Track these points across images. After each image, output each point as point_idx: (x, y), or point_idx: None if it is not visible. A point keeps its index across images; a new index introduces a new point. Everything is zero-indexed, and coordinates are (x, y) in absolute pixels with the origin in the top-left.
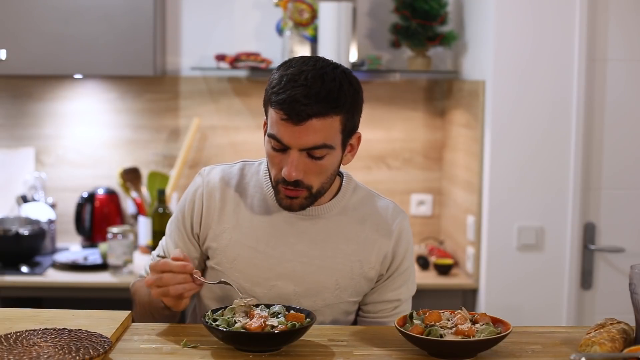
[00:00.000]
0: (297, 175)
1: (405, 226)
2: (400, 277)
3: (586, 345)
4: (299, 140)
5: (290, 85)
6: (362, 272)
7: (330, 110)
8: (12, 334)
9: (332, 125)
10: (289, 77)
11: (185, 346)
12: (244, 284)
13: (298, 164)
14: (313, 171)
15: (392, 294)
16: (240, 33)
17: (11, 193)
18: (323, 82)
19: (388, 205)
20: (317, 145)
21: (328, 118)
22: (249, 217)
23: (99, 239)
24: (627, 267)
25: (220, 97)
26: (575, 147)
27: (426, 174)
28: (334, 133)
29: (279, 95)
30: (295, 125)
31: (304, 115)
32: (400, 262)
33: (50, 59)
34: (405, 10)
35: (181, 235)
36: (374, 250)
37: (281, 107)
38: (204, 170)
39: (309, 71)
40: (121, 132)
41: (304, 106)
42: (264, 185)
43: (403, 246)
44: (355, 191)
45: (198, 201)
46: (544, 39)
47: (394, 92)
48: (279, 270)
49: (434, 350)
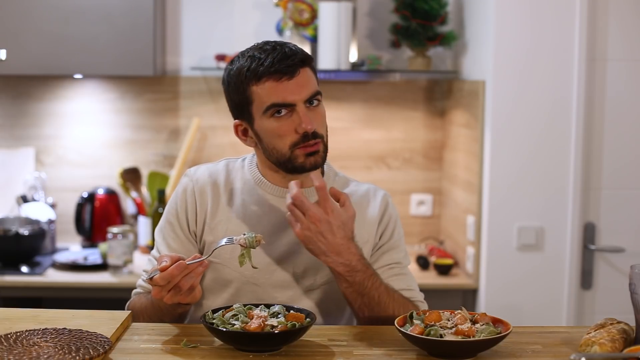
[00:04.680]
0: (313, 125)
1: (389, 200)
2: (395, 244)
3: (586, 345)
4: (301, 91)
5: (264, 55)
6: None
7: (308, 58)
8: (12, 334)
9: (312, 75)
10: (256, 53)
11: (185, 346)
12: (245, 272)
13: (309, 115)
14: (319, 120)
15: (390, 258)
16: (240, 33)
17: (11, 193)
18: (285, 45)
19: (369, 186)
20: (314, 92)
21: (307, 68)
22: (242, 208)
23: (99, 239)
24: (627, 267)
25: (220, 97)
26: (575, 147)
27: (426, 174)
28: (316, 82)
29: (263, 65)
30: (291, 79)
31: (296, 63)
32: (393, 230)
33: (50, 59)
34: (405, 10)
35: (177, 238)
36: (366, 225)
37: (274, 70)
38: (189, 171)
39: (263, 45)
40: (121, 132)
41: (290, 59)
42: (250, 176)
43: (393, 215)
44: (336, 177)
45: (190, 199)
46: (543, 38)
47: (394, 92)
48: (277, 255)
49: (434, 350)
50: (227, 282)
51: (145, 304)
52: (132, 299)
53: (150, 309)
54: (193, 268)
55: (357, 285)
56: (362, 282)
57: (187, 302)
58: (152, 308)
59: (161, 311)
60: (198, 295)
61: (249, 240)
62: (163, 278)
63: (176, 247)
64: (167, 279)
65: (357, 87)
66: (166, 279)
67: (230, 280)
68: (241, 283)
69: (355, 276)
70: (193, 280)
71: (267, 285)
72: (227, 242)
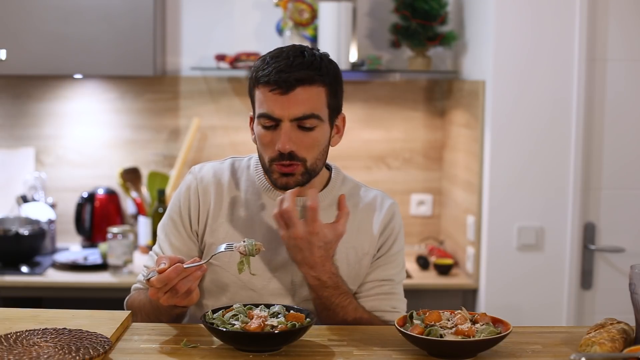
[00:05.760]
0: (290, 146)
1: (396, 211)
2: (391, 257)
3: (586, 345)
4: (289, 110)
5: (273, 61)
6: (357, 258)
7: (316, 77)
8: (12, 334)
9: (318, 96)
10: (271, 56)
11: (185, 346)
12: (243, 277)
13: (290, 135)
14: (305, 143)
15: (384, 273)
16: (240, 33)
17: (11, 193)
18: (304, 56)
19: (377, 193)
20: (307, 115)
21: (314, 87)
22: (244, 212)
23: (99, 239)
24: (627, 267)
25: (220, 97)
26: (575, 147)
27: (426, 174)
28: (320, 105)
29: (264, 70)
30: (283, 94)
31: (291, 81)
32: (393, 243)
33: (50, 59)
34: (405, 10)
35: (179, 236)
36: (367, 236)
37: (268, 79)
38: (194, 168)
39: (289, 49)
40: (121, 132)
41: (288, 74)
42: (255, 179)
43: (395, 227)
44: (344, 182)
45: (193, 198)
46: (543, 39)
47: (394, 92)
48: (276, 262)
49: (434, 350)
50: (225, 286)
51: (144, 301)
52: (131, 294)
53: (148, 306)
54: (191, 272)
55: (324, 299)
56: (329, 298)
57: (184, 305)
58: (149, 306)
59: (158, 310)
60: (195, 299)
61: (248, 248)
62: (160, 280)
63: (178, 245)
64: (163, 281)
65: (357, 87)
66: (163, 281)
67: (227, 284)
68: (238, 288)
69: (324, 291)
70: (190, 284)
71: (264, 292)
72: (227, 249)
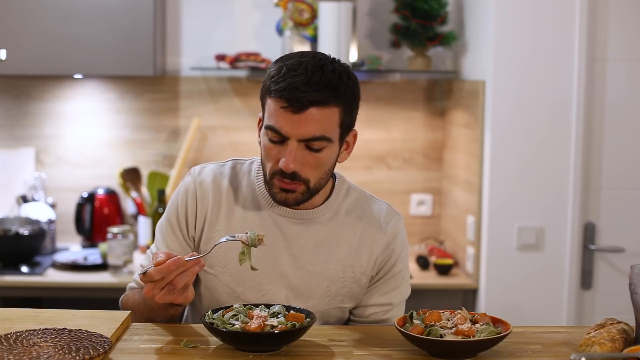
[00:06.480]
0: (294, 167)
1: (400, 228)
2: (392, 280)
3: (586, 345)
4: (298, 130)
5: (290, 74)
6: (354, 277)
7: (330, 99)
8: (12, 334)
9: (331, 117)
10: (289, 67)
11: (185, 346)
12: (236, 287)
13: (296, 155)
14: (311, 164)
15: (383, 297)
16: (240, 33)
17: (11, 193)
18: (323, 72)
19: (382, 207)
20: (316, 137)
21: (327, 108)
22: (242, 221)
23: (99, 239)
24: (627, 267)
25: (220, 97)
26: (575, 147)
27: (426, 174)
28: (332, 125)
29: (279, 83)
30: (294, 113)
31: (304, 102)
32: (393, 264)
33: (50, 59)
34: (405, 10)
35: (176, 239)
36: (366, 254)
37: (281, 95)
38: (194, 170)
39: (308, 62)
40: (121, 132)
41: (303, 93)
42: (255, 185)
43: (397, 249)
44: (348, 193)
45: (191, 203)
46: (543, 39)
47: (394, 92)
48: (271, 275)
49: (434, 350)
50: (218, 295)
51: (138, 300)
52: (125, 293)
53: (142, 306)
54: (189, 265)
55: None
56: None
57: (179, 302)
58: (143, 305)
59: (152, 310)
60: (190, 296)
61: (251, 238)
62: (159, 271)
63: (175, 249)
64: (163, 272)
65: None
66: (163, 272)
67: (220, 293)
68: (231, 299)
69: None
70: (188, 279)
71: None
72: (229, 239)
